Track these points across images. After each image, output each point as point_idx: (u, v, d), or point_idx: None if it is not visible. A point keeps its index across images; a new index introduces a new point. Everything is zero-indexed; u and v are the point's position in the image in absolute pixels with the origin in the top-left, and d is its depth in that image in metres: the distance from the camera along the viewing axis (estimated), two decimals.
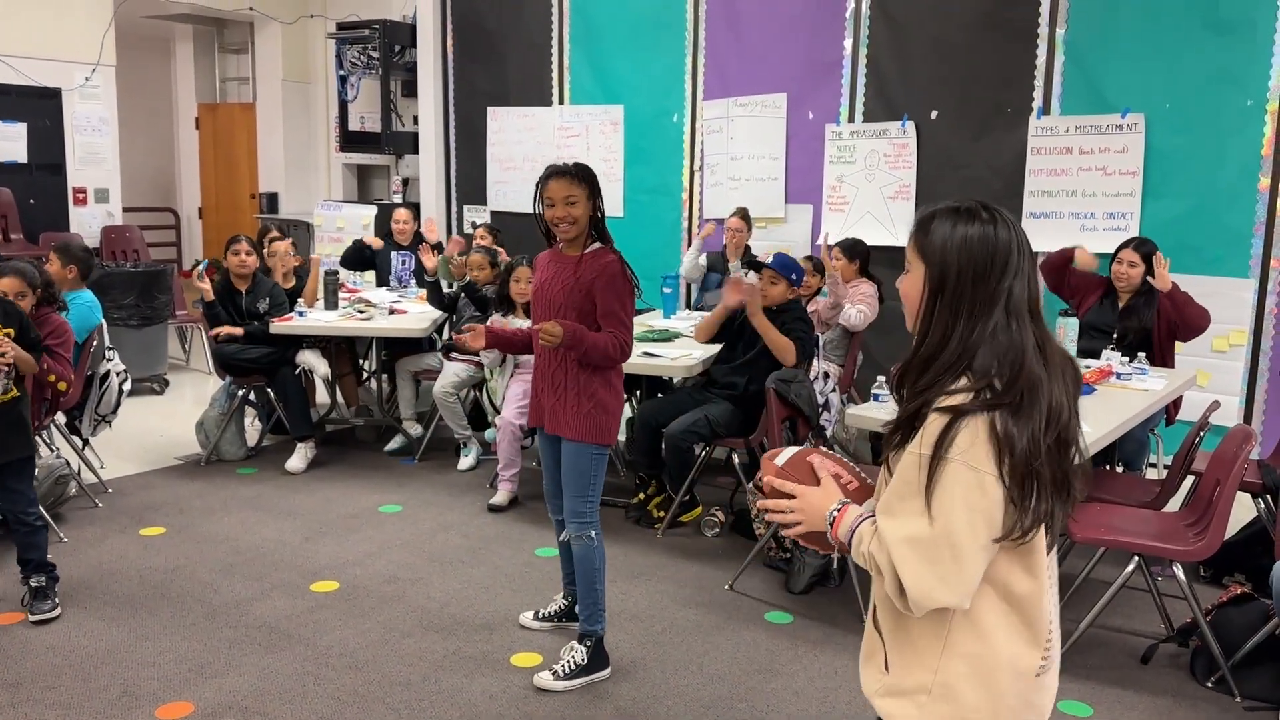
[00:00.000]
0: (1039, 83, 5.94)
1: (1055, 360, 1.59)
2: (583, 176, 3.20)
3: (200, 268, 5.54)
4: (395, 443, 5.90)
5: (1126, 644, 3.66)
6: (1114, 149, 5.73)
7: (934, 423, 1.52)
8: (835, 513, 1.67)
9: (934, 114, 6.32)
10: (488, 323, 5.27)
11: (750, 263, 4.87)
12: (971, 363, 1.55)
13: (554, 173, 3.20)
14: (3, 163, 8.16)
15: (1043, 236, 5.94)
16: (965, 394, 1.52)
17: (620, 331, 3.19)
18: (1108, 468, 4.58)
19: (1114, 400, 4.05)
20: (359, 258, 6.96)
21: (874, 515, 1.62)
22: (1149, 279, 4.82)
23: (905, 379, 1.62)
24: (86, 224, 8.69)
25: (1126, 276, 4.84)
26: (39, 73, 8.24)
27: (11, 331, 3.63)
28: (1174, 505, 4.05)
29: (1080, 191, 5.86)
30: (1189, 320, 4.74)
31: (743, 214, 6.45)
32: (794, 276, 4.62)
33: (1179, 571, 3.44)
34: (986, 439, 1.50)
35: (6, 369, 3.56)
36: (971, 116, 6.19)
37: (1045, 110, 5.93)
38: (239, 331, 5.44)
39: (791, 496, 1.72)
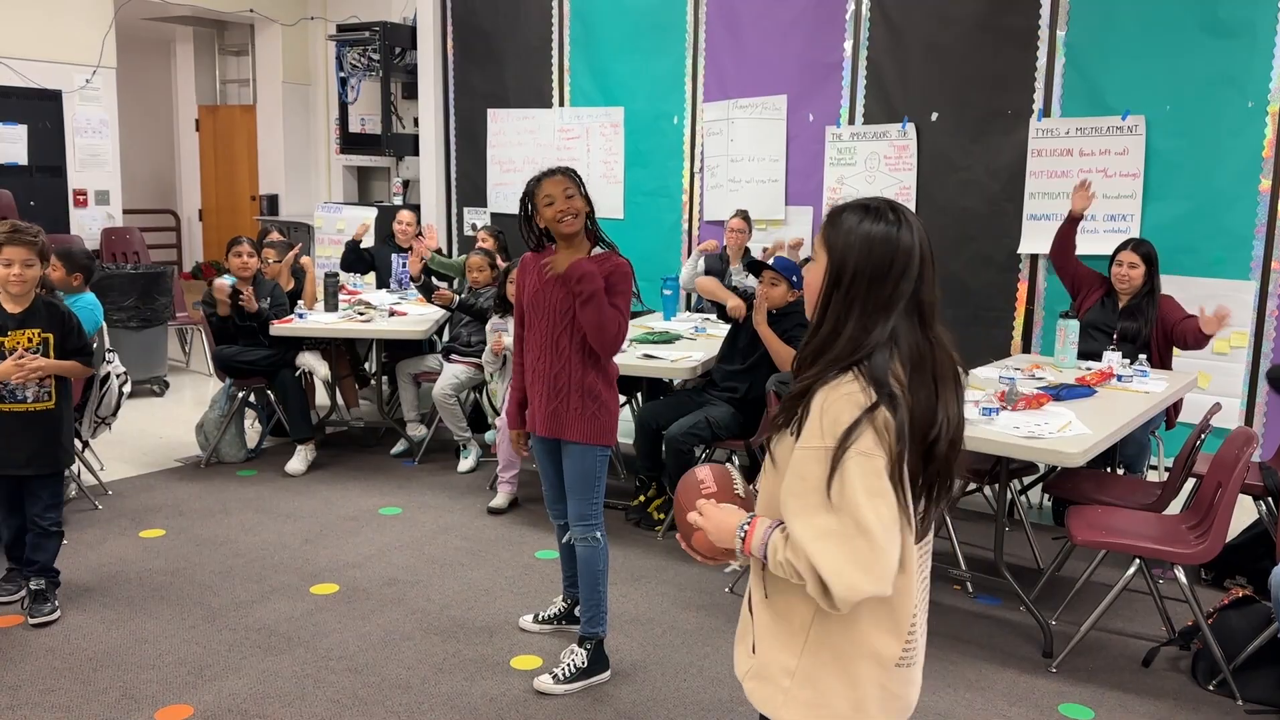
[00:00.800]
0: (1039, 85, 5.93)
1: (944, 365, 1.63)
2: (576, 177, 3.23)
3: (223, 281, 5.49)
4: (400, 446, 5.90)
5: (1128, 647, 3.65)
6: (1114, 151, 5.72)
7: (836, 416, 1.54)
8: (745, 527, 1.68)
9: (934, 116, 6.32)
10: (488, 328, 5.30)
11: (750, 265, 4.87)
12: (862, 360, 1.57)
13: (547, 173, 3.22)
14: (3, 164, 8.16)
15: (1043, 238, 5.93)
16: (858, 390, 1.55)
17: (623, 325, 3.18)
18: (1108, 470, 4.58)
19: (1115, 402, 4.05)
20: (357, 259, 6.96)
21: (782, 523, 1.62)
22: (1193, 314, 4.75)
23: (799, 367, 1.66)
24: (87, 226, 8.69)
25: (1127, 278, 4.83)
26: (39, 75, 8.24)
27: (43, 335, 3.57)
28: (1175, 508, 4.05)
29: None
30: (1192, 346, 4.75)
31: (743, 215, 6.46)
32: (794, 279, 4.62)
33: (1180, 574, 3.44)
34: (874, 429, 1.53)
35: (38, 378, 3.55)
36: (971, 118, 6.19)
37: (1046, 112, 5.93)
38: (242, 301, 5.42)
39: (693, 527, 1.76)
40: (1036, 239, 5.99)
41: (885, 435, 1.54)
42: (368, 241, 7.39)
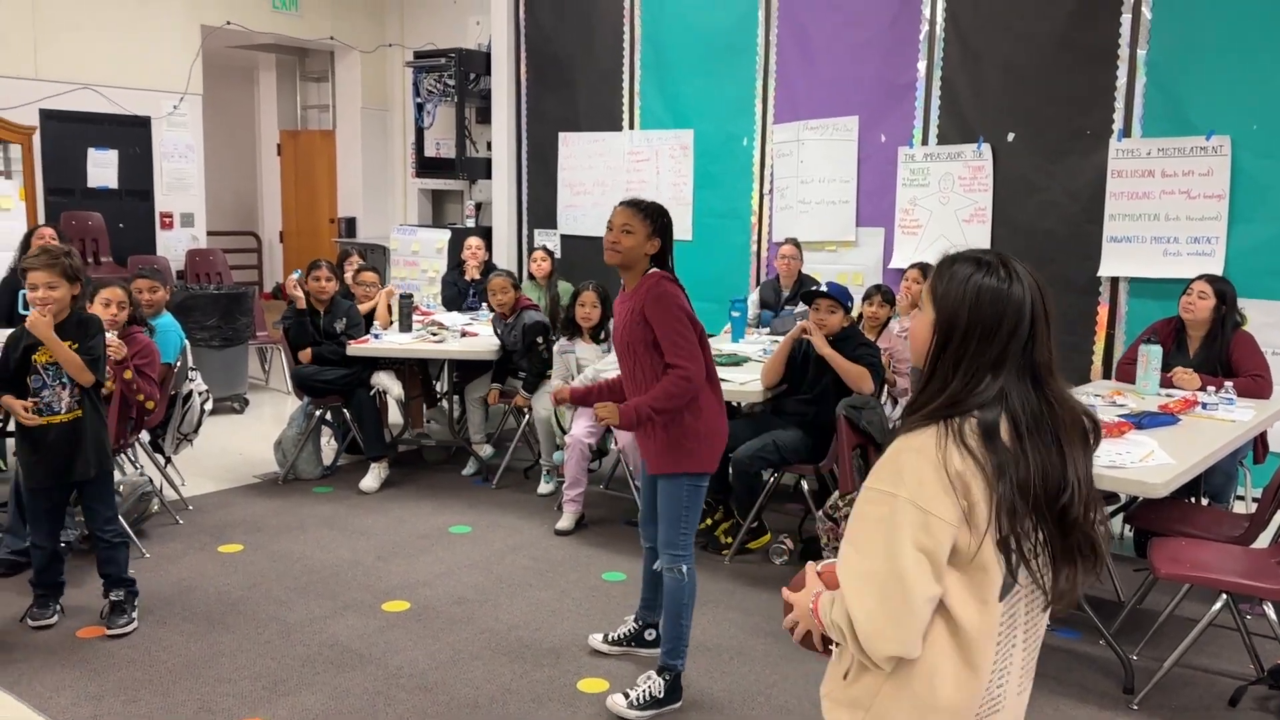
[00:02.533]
0: (1119, 104, 5.81)
1: (1068, 425, 1.57)
2: (650, 213, 3.18)
3: (295, 277, 5.67)
4: (471, 466, 5.97)
5: (1213, 685, 3.52)
6: (1198, 172, 5.57)
7: (903, 464, 1.53)
8: (813, 600, 1.68)
9: (1010, 136, 6.23)
10: (556, 350, 5.35)
11: (805, 295, 4.81)
12: (956, 416, 1.53)
13: (625, 202, 3.24)
14: (95, 188, 8.49)
15: (1125, 261, 5.81)
16: (933, 444, 1.51)
17: (682, 363, 3.09)
18: (1193, 500, 4.43)
19: (1200, 431, 3.92)
20: (456, 296, 7.12)
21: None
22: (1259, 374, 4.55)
23: (903, 419, 1.63)
24: (172, 247, 8.98)
25: (1193, 308, 4.57)
26: (130, 102, 8.56)
27: (73, 346, 3.63)
28: (1264, 540, 3.90)
29: (1163, 215, 5.70)
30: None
31: (794, 242, 6.50)
32: (849, 304, 4.59)
33: (1270, 610, 3.31)
34: (944, 486, 1.49)
35: (68, 386, 3.64)
36: (1049, 139, 6.08)
37: (1126, 133, 5.80)
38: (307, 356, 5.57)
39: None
40: (1117, 261, 5.85)
41: (959, 497, 1.49)
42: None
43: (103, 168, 8.53)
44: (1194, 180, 5.59)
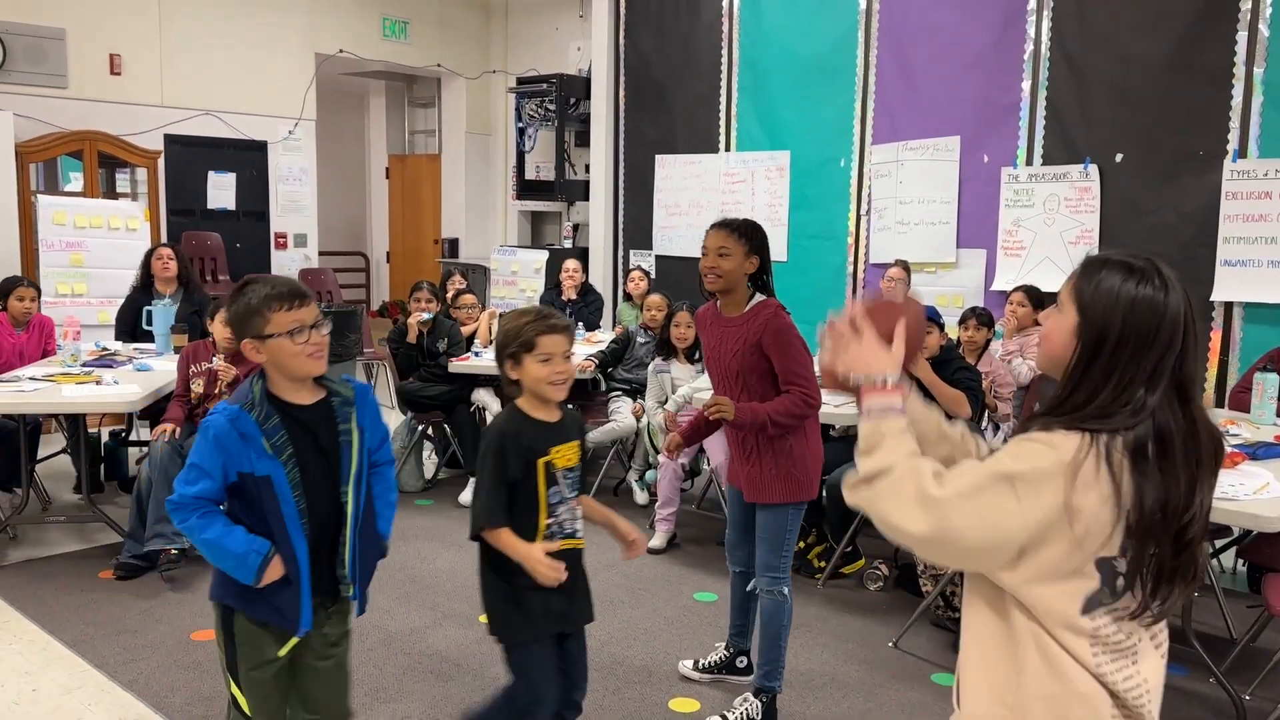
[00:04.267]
0: (1234, 124, 5.62)
1: (1204, 448, 1.50)
2: (744, 232, 3.14)
3: (424, 318, 5.85)
4: None
5: None
6: None
7: (1022, 450, 1.50)
8: (882, 381, 1.61)
9: (1119, 157, 6.07)
10: (650, 369, 5.41)
11: None
12: (1104, 430, 1.47)
13: (716, 224, 3.18)
14: (215, 210, 8.89)
15: (1240, 285, 5.60)
16: (1071, 448, 1.47)
17: (803, 388, 3.06)
18: None
19: None
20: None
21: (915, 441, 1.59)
22: None
23: (1028, 420, 1.58)
24: (286, 267, 9.33)
25: None
26: (248, 127, 8.96)
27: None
28: None
29: None
30: None
31: (903, 265, 6.42)
32: (941, 323, 4.54)
33: None
34: (1066, 489, 1.45)
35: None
36: (1159, 160, 5.91)
37: (1241, 153, 5.61)
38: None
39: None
40: (1231, 286, 5.65)
41: (1084, 502, 1.45)
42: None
43: (221, 190, 8.93)
44: None
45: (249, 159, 9.04)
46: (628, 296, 7.03)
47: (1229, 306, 5.71)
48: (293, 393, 2.30)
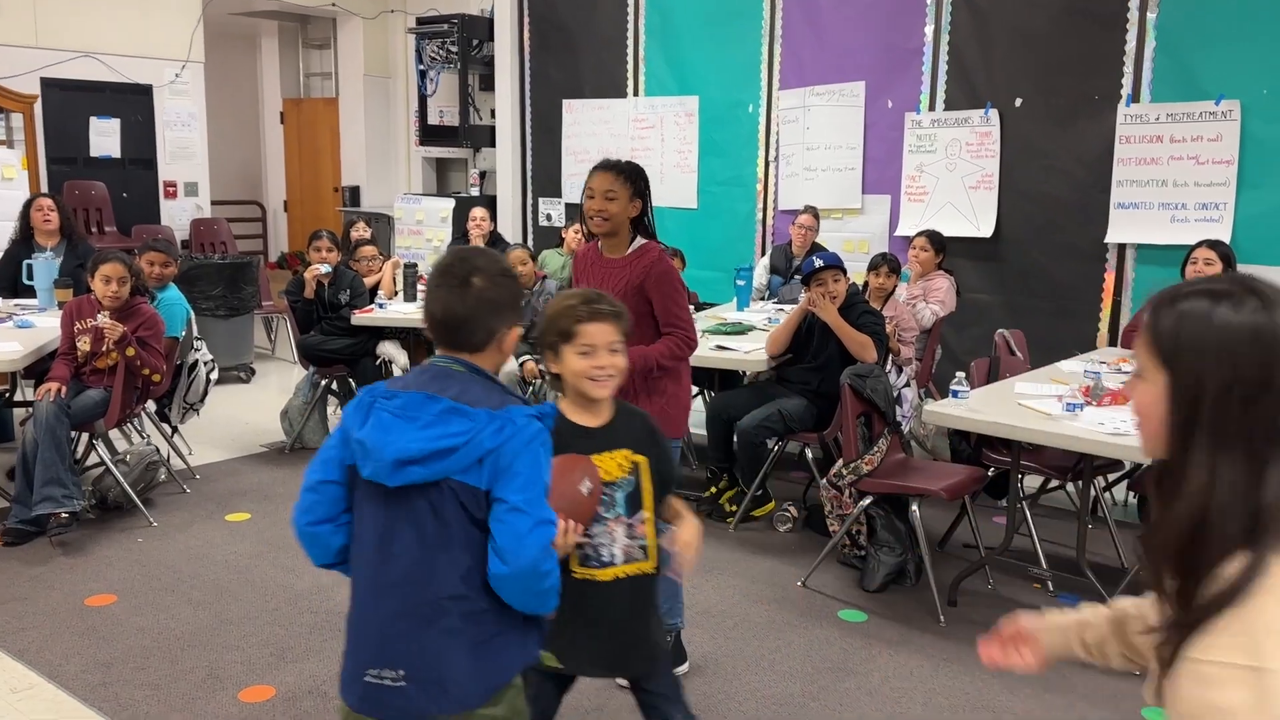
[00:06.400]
0: (1128, 69, 5.75)
1: None
2: (629, 175, 3.14)
3: (322, 271, 5.65)
4: None
5: None
6: (1207, 137, 5.52)
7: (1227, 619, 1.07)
8: None
9: (1018, 102, 6.17)
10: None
11: (804, 278, 4.73)
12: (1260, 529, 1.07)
13: (600, 166, 3.17)
14: (98, 158, 8.47)
15: (1132, 227, 5.77)
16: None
17: (681, 332, 3.15)
18: None
19: None
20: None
21: None
22: None
23: (1159, 554, 1.17)
24: (176, 217, 8.97)
25: (1201, 275, 4.62)
26: (131, 70, 8.52)
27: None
28: None
29: (1171, 181, 5.66)
30: None
31: (813, 211, 6.43)
32: (843, 267, 4.62)
33: None
34: None
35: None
36: (1057, 104, 6.03)
37: (1135, 98, 5.75)
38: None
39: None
40: (1124, 228, 5.82)
41: None
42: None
43: (105, 136, 8.51)
44: (1203, 146, 5.54)
45: (134, 104, 8.62)
46: (560, 244, 6.93)
47: (1121, 248, 5.89)
48: None
